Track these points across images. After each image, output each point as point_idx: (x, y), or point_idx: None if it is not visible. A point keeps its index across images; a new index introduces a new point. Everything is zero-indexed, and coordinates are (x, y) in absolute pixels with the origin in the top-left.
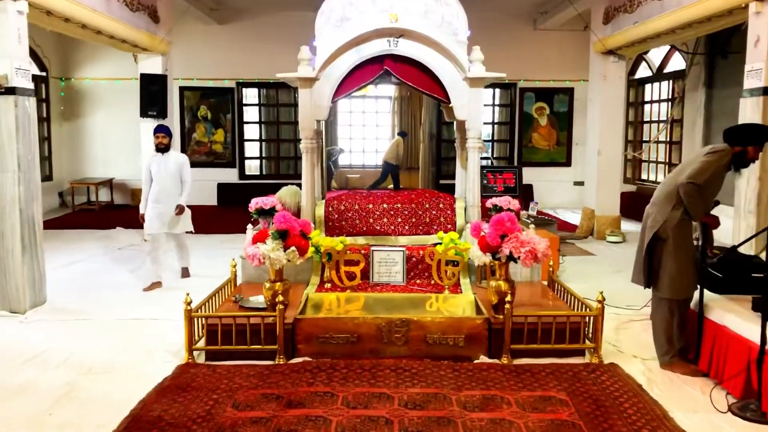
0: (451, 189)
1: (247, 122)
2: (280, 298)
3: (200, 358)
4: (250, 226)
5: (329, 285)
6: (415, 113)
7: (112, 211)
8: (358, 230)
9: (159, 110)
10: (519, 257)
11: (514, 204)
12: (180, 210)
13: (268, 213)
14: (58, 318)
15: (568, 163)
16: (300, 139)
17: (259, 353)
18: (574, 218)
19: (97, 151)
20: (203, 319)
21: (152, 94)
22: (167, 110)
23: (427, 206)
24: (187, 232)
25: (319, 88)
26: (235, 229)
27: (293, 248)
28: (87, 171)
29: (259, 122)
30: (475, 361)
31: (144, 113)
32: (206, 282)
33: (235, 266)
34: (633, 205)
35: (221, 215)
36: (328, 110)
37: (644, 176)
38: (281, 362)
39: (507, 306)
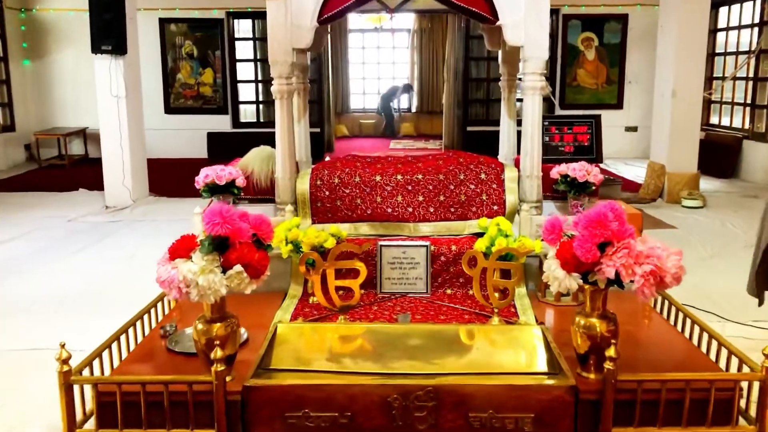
0: (480, 138)
1: (240, 60)
2: (219, 353)
3: None
4: (197, 209)
5: (314, 300)
6: (437, 48)
7: (85, 166)
8: (359, 215)
9: (115, 44)
10: (630, 281)
11: (595, 174)
12: None
13: (226, 190)
14: None
15: (619, 104)
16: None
17: None
18: (627, 172)
19: (67, 95)
20: (92, 385)
21: (106, 24)
22: (126, 44)
23: (461, 177)
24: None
25: (298, 0)
26: None
27: (238, 268)
28: (56, 119)
29: (255, 60)
30: None
31: (96, 48)
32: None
33: None
34: (700, 157)
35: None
36: (312, 34)
37: (713, 120)
38: None
39: (609, 365)
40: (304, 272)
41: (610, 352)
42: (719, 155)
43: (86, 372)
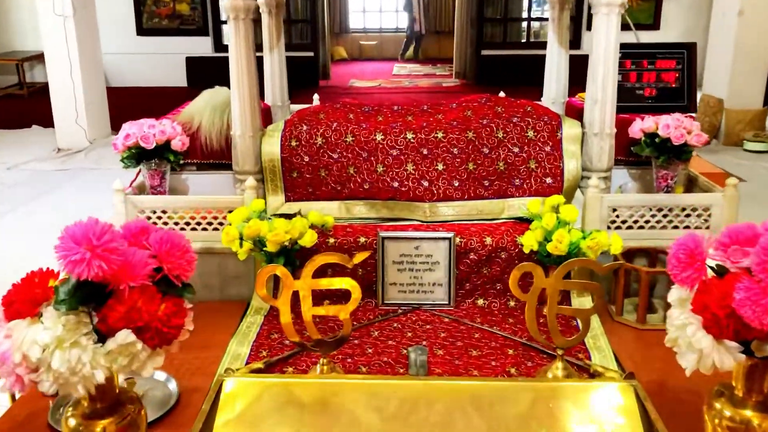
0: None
1: None
2: None
3: None
4: (117, 185)
5: (287, 318)
6: None
7: (46, 97)
8: (352, 190)
9: None
10: None
11: (697, 133)
12: None
13: (159, 156)
14: None
15: (655, 25)
16: None
17: None
18: None
19: (22, 14)
20: None
21: None
22: None
23: (500, 135)
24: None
25: None
26: None
27: (126, 336)
28: (13, 42)
29: None
30: None
31: None
32: None
33: None
34: None
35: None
36: None
37: None
38: None
39: None
40: (265, 296)
41: None
42: None
43: None
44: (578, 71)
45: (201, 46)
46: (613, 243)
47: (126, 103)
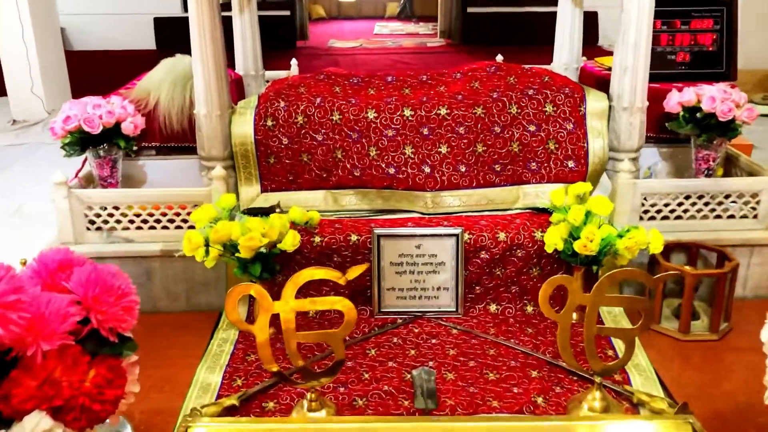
0: (487, 24)
1: None
2: None
3: None
4: (58, 178)
5: (269, 332)
6: None
7: None
8: (341, 177)
9: None
10: None
11: (747, 106)
12: None
13: (106, 140)
14: None
15: None
16: None
17: None
18: None
19: None
20: None
21: None
22: None
23: (514, 111)
24: None
25: None
26: None
27: (43, 421)
28: None
29: None
30: None
31: None
32: None
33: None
34: None
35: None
36: None
37: None
38: None
39: None
40: (237, 321)
41: None
42: None
43: None
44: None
45: (170, 5)
46: (653, 241)
47: (89, 69)
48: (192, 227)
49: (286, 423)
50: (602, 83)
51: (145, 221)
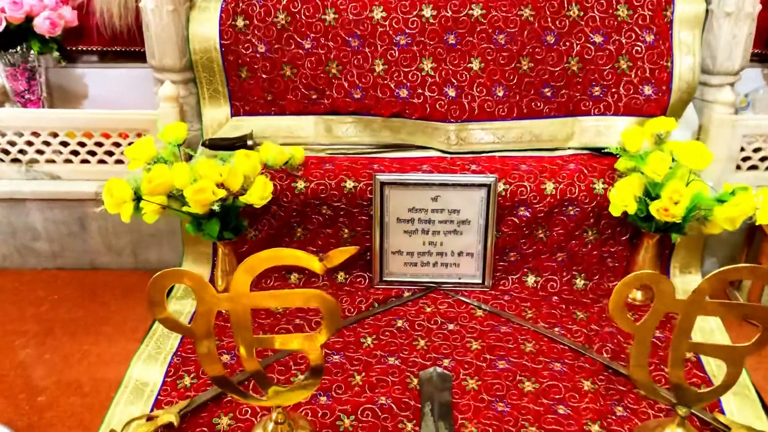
0: None
1: None
2: None
3: None
4: None
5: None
6: None
7: None
8: (336, 99)
9: None
10: None
11: None
12: None
13: (22, 41)
14: None
15: None
16: None
17: None
18: None
19: None
20: None
21: None
22: None
23: (573, 14)
24: None
25: None
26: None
27: None
28: None
29: None
30: None
31: None
32: None
33: None
34: None
35: None
36: None
37: None
38: None
39: None
40: (167, 320)
41: None
42: None
43: None
44: None
45: None
46: (764, 207)
47: None
48: None
49: None
50: None
51: (75, 153)
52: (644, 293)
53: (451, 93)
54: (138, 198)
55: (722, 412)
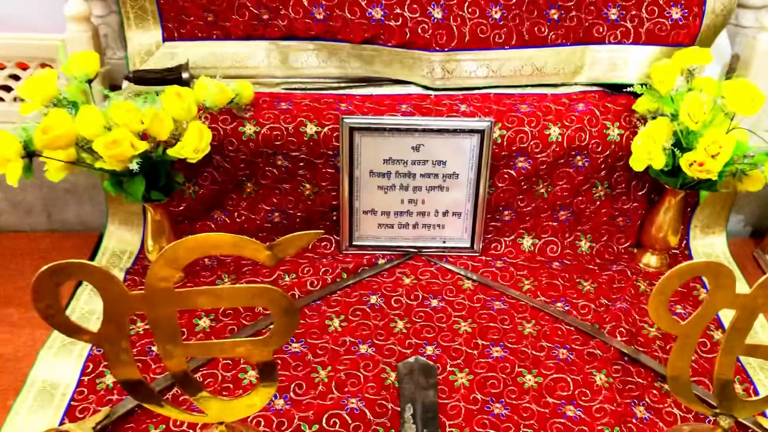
0: None
1: None
2: None
3: None
4: None
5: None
6: None
7: None
8: (293, 22)
9: None
10: None
11: None
12: None
13: None
14: None
15: None
16: None
17: None
18: None
19: None
20: None
21: None
22: None
23: None
24: None
25: None
26: None
27: None
28: None
29: None
30: None
31: None
32: None
33: None
34: None
35: None
36: None
37: None
38: None
39: None
40: (63, 325)
41: None
42: None
43: None
44: None
45: None
46: None
47: None
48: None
49: None
50: None
51: None
52: (659, 258)
53: (437, 14)
54: (30, 154)
55: (764, 414)
